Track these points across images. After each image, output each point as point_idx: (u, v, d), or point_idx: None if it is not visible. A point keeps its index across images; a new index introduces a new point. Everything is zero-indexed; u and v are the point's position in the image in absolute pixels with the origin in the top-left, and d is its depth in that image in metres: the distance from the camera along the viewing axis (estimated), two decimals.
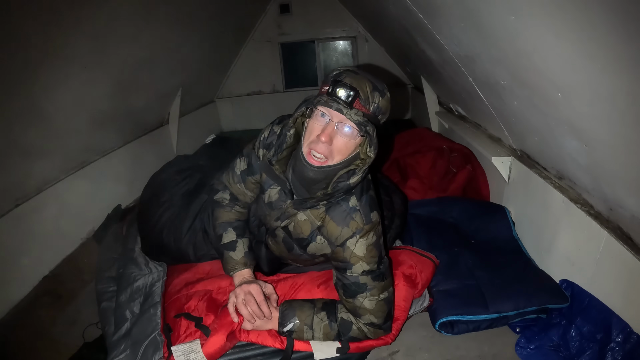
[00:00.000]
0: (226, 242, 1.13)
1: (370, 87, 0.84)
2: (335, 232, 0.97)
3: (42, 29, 1.34)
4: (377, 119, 0.87)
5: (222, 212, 1.17)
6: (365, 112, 0.84)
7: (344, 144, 0.87)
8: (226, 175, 1.18)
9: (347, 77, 0.84)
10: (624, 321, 1.03)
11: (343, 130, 0.86)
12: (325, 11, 4.16)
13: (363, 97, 0.83)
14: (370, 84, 0.84)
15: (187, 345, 1.02)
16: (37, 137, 1.63)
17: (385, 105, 0.87)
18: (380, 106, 0.86)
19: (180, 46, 2.59)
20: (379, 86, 0.86)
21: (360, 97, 0.83)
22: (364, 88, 0.83)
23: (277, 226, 1.05)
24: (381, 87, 0.87)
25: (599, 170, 1.06)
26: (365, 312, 0.99)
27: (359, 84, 0.83)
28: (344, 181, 0.91)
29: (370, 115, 0.85)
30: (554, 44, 0.87)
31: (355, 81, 0.83)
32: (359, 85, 0.83)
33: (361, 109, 0.83)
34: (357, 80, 0.84)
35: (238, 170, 1.13)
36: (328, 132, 0.85)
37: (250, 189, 1.13)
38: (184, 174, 1.53)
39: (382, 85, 0.87)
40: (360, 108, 0.83)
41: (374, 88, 0.84)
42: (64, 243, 1.89)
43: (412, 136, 2.43)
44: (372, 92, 0.84)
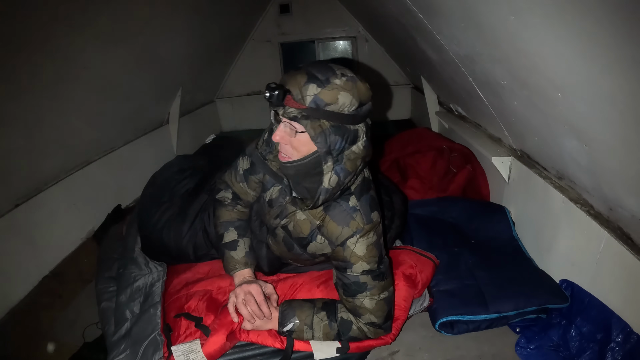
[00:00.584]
0: (227, 242, 1.13)
1: (303, 80, 0.80)
2: (335, 231, 0.97)
3: (42, 29, 1.34)
4: (323, 111, 0.81)
5: (223, 211, 1.16)
6: (298, 107, 0.81)
7: (294, 141, 0.86)
8: (229, 174, 1.18)
9: (285, 76, 0.84)
10: (624, 321, 1.03)
11: (285, 128, 0.85)
12: (325, 11, 4.15)
13: (294, 93, 0.81)
14: (305, 77, 0.80)
15: (187, 345, 1.02)
16: (37, 137, 1.63)
17: (329, 94, 0.80)
18: (321, 97, 0.80)
19: (180, 46, 2.59)
20: (319, 76, 0.80)
21: (291, 94, 0.81)
22: (295, 83, 0.81)
23: (277, 225, 1.05)
24: (324, 76, 0.80)
25: (599, 170, 1.06)
26: (365, 311, 0.99)
27: (290, 80, 0.82)
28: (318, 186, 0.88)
29: (307, 109, 0.81)
30: (554, 44, 0.87)
31: (289, 78, 0.82)
32: (290, 82, 0.81)
33: (293, 105, 0.81)
34: (292, 76, 0.82)
35: (241, 169, 1.13)
36: (278, 132, 0.86)
37: (252, 188, 1.13)
38: (184, 174, 1.53)
39: (326, 74, 0.81)
40: (291, 104, 0.81)
41: (308, 80, 0.80)
42: (64, 243, 1.89)
43: (412, 136, 2.43)
44: (306, 84, 0.80)
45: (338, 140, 0.84)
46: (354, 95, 0.82)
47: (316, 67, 0.83)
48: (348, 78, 0.82)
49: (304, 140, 0.85)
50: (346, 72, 0.83)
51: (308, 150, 0.86)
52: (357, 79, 0.84)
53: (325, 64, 0.84)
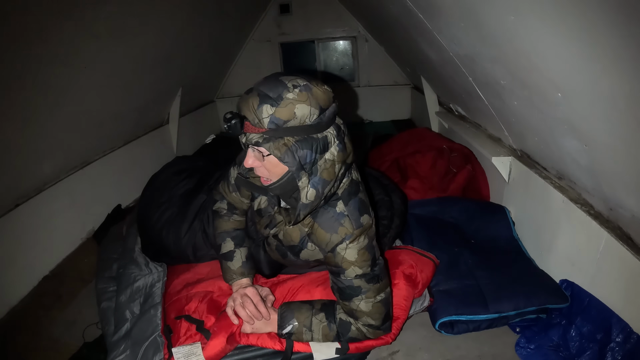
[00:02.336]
0: (224, 252, 1.15)
1: (256, 103, 0.77)
2: (324, 238, 0.96)
3: (42, 29, 1.34)
4: (284, 129, 0.78)
5: (220, 221, 1.18)
6: (258, 131, 0.78)
7: (267, 165, 0.84)
8: (222, 184, 1.19)
9: (239, 102, 0.81)
10: (624, 321, 1.03)
11: (254, 153, 0.83)
12: (325, 11, 4.15)
13: (250, 118, 0.77)
14: (258, 99, 0.77)
15: (188, 348, 1.02)
16: (37, 137, 1.63)
17: (284, 111, 0.76)
18: (277, 116, 0.76)
19: (180, 46, 2.59)
20: (271, 94, 0.77)
21: (247, 119, 0.78)
22: (249, 108, 0.77)
23: (268, 234, 1.05)
24: (275, 94, 0.77)
25: (599, 170, 1.06)
26: (362, 314, 0.98)
27: (244, 105, 0.78)
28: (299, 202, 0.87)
29: (268, 132, 0.78)
30: (554, 44, 0.87)
31: (243, 103, 0.79)
32: (244, 108, 0.78)
33: (252, 131, 0.79)
34: (245, 101, 0.79)
35: (232, 179, 1.14)
36: (248, 158, 0.84)
37: (245, 196, 1.14)
38: (183, 174, 1.53)
39: (278, 91, 0.77)
40: (251, 130, 0.79)
41: (261, 101, 0.76)
42: (64, 243, 1.90)
43: (412, 136, 2.43)
44: (259, 107, 0.76)
45: (307, 154, 0.81)
46: (312, 104, 0.78)
47: (267, 84, 0.79)
48: (301, 88, 0.78)
49: (275, 162, 0.83)
50: (298, 82, 0.79)
51: (282, 170, 0.84)
52: (311, 86, 0.80)
53: (275, 78, 0.80)
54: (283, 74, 0.82)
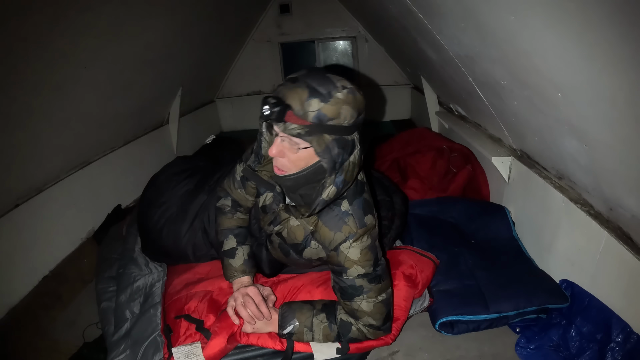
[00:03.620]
0: (226, 249, 1.14)
1: (305, 95, 0.77)
2: (328, 236, 0.96)
3: (42, 29, 1.34)
4: (325, 126, 0.79)
5: (224, 218, 1.17)
6: (301, 124, 0.78)
7: (293, 156, 0.84)
8: (227, 181, 1.18)
9: (282, 89, 0.80)
10: (624, 321, 1.03)
11: (284, 143, 0.83)
12: (325, 11, 4.15)
13: (296, 109, 0.77)
14: (307, 91, 0.77)
15: (188, 348, 1.02)
16: (37, 137, 1.63)
17: (332, 109, 0.78)
18: (325, 112, 0.78)
19: (180, 46, 2.59)
20: (321, 90, 0.78)
21: (292, 109, 0.77)
22: (297, 98, 0.77)
23: (271, 231, 1.05)
24: (326, 90, 0.78)
25: (599, 170, 1.06)
26: (363, 314, 0.99)
27: (291, 94, 0.78)
28: (318, 197, 0.88)
29: (311, 125, 0.78)
30: (554, 44, 0.87)
31: (289, 92, 0.78)
32: (291, 96, 0.78)
33: (295, 122, 0.78)
34: (291, 90, 0.78)
35: (238, 176, 1.14)
36: (275, 147, 0.84)
37: (250, 193, 1.14)
38: (183, 174, 1.53)
39: (328, 88, 0.78)
40: (293, 121, 0.78)
41: (310, 95, 0.77)
42: (64, 243, 1.89)
43: (412, 136, 2.43)
44: (308, 100, 0.77)
45: (340, 153, 0.83)
46: (354, 108, 0.81)
47: (315, 79, 0.80)
48: (349, 90, 0.80)
49: (304, 155, 0.84)
50: (346, 84, 0.81)
51: (306, 164, 0.85)
52: (355, 90, 0.82)
53: (323, 74, 0.81)
54: (327, 71, 0.83)
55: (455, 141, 2.24)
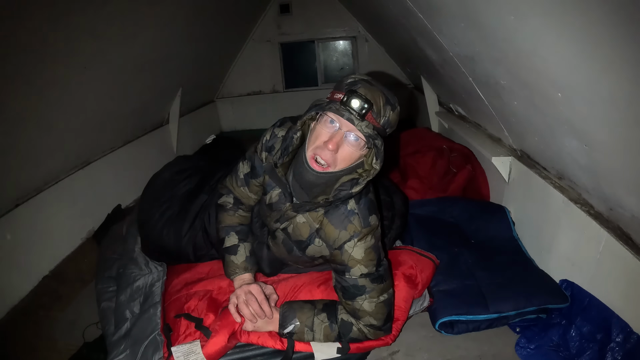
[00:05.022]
0: (228, 246, 1.13)
1: (383, 100, 0.84)
2: (333, 235, 0.97)
3: (42, 29, 1.34)
4: (385, 131, 0.87)
5: (225, 216, 1.17)
6: (375, 125, 0.84)
7: (350, 153, 0.87)
8: (230, 179, 1.18)
9: (362, 88, 0.83)
10: (624, 321, 1.03)
11: (351, 139, 0.86)
12: (325, 11, 4.16)
13: (376, 110, 0.83)
14: (384, 97, 0.84)
15: (187, 346, 1.02)
16: (37, 137, 1.63)
17: (394, 119, 0.87)
18: (390, 120, 0.86)
19: (180, 46, 2.59)
20: (391, 100, 0.86)
21: (373, 110, 0.83)
22: (377, 100, 0.83)
23: (277, 228, 1.05)
24: (393, 100, 0.86)
25: (599, 170, 1.06)
26: (365, 314, 0.99)
27: (373, 96, 0.83)
28: (346, 190, 0.91)
29: (379, 129, 0.85)
30: (554, 44, 0.87)
31: (370, 93, 0.83)
32: (373, 98, 0.83)
33: (372, 122, 0.83)
34: (372, 92, 0.83)
35: (241, 174, 1.14)
36: (336, 141, 0.85)
37: (254, 191, 1.14)
38: (184, 174, 1.53)
39: (394, 99, 0.87)
40: (371, 120, 0.83)
41: (386, 101, 0.84)
42: (64, 243, 1.90)
43: (412, 136, 2.43)
44: (385, 105, 0.84)
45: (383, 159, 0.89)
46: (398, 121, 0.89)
47: (384, 87, 0.87)
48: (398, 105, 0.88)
49: (358, 155, 0.88)
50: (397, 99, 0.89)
51: (352, 163, 0.90)
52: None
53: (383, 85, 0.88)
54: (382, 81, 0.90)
55: (455, 141, 2.24)
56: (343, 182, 0.92)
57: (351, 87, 0.83)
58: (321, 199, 0.94)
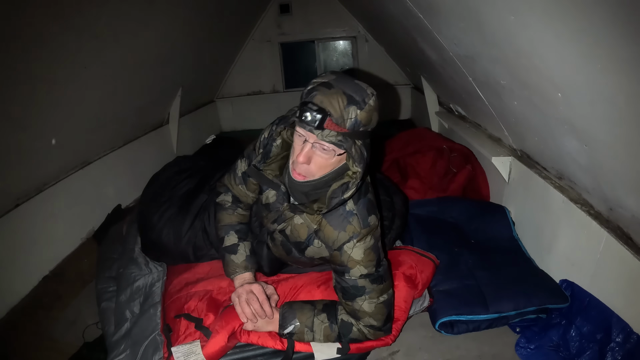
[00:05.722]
0: (228, 245, 1.13)
1: (343, 103, 0.78)
2: (332, 236, 0.96)
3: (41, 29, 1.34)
4: (357, 132, 0.81)
5: (224, 214, 1.17)
6: (339, 131, 0.79)
7: (324, 161, 0.85)
8: (228, 177, 1.18)
9: (318, 95, 0.78)
10: (624, 321, 1.03)
11: (320, 149, 0.83)
12: (325, 11, 4.15)
13: (335, 116, 0.78)
14: (345, 99, 0.78)
15: (187, 347, 1.02)
16: (37, 137, 1.63)
17: (366, 116, 0.80)
18: (360, 119, 0.79)
19: (180, 46, 2.59)
20: (356, 97, 0.79)
21: (332, 116, 0.77)
22: (335, 105, 0.77)
23: (274, 229, 1.05)
24: (360, 97, 0.79)
25: (599, 170, 1.06)
26: (365, 314, 0.99)
27: (330, 101, 0.77)
28: (338, 197, 0.89)
29: (347, 132, 0.80)
30: (554, 44, 0.87)
31: (326, 99, 0.78)
32: (330, 103, 0.77)
33: (334, 129, 0.78)
34: (329, 97, 0.78)
35: (239, 172, 1.13)
36: (305, 153, 0.84)
37: (252, 190, 1.14)
38: (184, 174, 1.53)
39: (361, 95, 0.79)
40: (333, 128, 0.78)
41: (349, 102, 0.78)
42: (64, 243, 1.90)
43: (412, 136, 2.43)
44: (347, 107, 0.78)
45: (367, 157, 0.86)
46: (379, 114, 0.84)
47: (348, 85, 0.80)
48: (375, 97, 0.83)
49: (334, 161, 0.86)
50: (373, 91, 0.83)
51: (332, 169, 0.88)
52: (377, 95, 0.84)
53: (352, 80, 0.82)
54: (352, 77, 0.85)
55: (455, 141, 2.24)
56: (334, 190, 0.91)
57: (307, 97, 0.80)
58: (317, 207, 0.93)
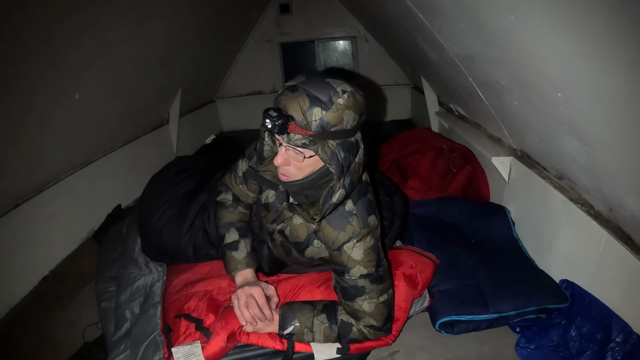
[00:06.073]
0: (229, 242, 1.12)
1: (306, 105, 0.76)
2: (331, 236, 0.96)
3: (41, 28, 1.34)
4: (328, 132, 0.79)
5: (225, 212, 1.17)
6: (305, 134, 0.78)
7: (298, 163, 0.85)
8: (228, 176, 1.18)
9: (282, 100, 0.79)
10: (624, 321, 1.03)
11: (292, 152, 0.83)
12: (325, 11, 4.15)
13: (298, 119, 0.77)
14: (307, 100, 0.76)
15: (188, 347, 1.02)
16: (37, 137, 1.63)
17: (334, 115, 0.77)
18: (327, 120, 0.77)
19: (180, 46, 2.59)
20: (321, 97, 0.77)
21: (295, 120, 0.77)
22: (297, 109, 0.77)
23: (274, 229, 1.05)
24: (325, 97, 0.77)
25: (599, 170, 1.06)
26: (365, 315, 0.99)
27: (291, 105, 0.77)
28: (328, 201, 0.88)
29: (314, 134, 0.78)
30: (554, 44, 0.87)
31: (289, 103, 0.77)
32: (292, 107, 0.77)
33: (299, 132, 0.78)
34: (291, 100, 0.77)
35: (240, 172, 1.14)
36: (280, 156, 0.84)
37: (252, 190, 1.14)
38: (184, 174, 1.53)
39: (327, 95, 0.77)
40: (297, 132, 0.78)
41: (311, 104, 0.76)
42: (64, 243, 1.90)
43: (412, 136, 2.43)
44: (309, 109, 0.76)
45: (347, 157, 0.83)
46: (356, 111, 0.81)
47: (315, 86, 0.78)
48: (349, 94, 0.79)
49: (310, 162, 0.85)
50: (346, 88, 0.80)
51: (313, 169, 0.87)
52: (355, 92, 0.81)
53: (322, 80, 0.80)
54: (326, 75, 0.82)
55: (455, 141, 2.24)
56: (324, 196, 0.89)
57: (274, 102, 0.81)
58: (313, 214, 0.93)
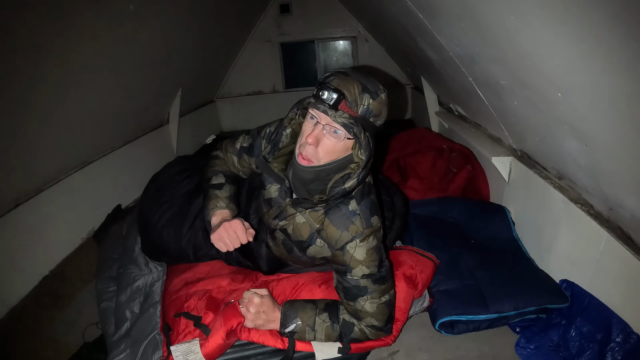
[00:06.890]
0: (214, 183, 1.12)
1: (359, 89, 0.82)
2: (334, 235, 0.97)
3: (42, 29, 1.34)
4: (367, 121, 0.85)
5: (217, 162, 1.18)
6: (352, 114, 0.82)
7: (332, 145, 0.87)
8: (228, 142, 1.19)
9: (335, 79, 0.83)
10: (624, 321, 1.03)
11: (330, 132, 0.85)
12: (325, 11, 4.16)
13: (350, 99, 0.82)
14: (360, 86, 0.82)
15: (186, 345, 1.02)
16: (37, 137, 1.63)
17: (377, 107, 0.84)
18: (372, 108, 0.83)
19: (180, 46, 2.59)
20: (370, 87, 0.84)
21: (346, 99, 0.81)
22: (351, 90, 0.82)
23: (276, 226, 1.05)
24: (373, 88, 0.84)
25: (599, 170, 1.06)
26: (366, 315, 0.99)
27: (346, 85, 0.82)
28: (339, 186, 0.91)
29: (358, 117, 0.83)
30: (554, 44, 0.87)
31: (343, 83, 0.82)
32: (346, 87, 0.82)
33: (347, 111, 0.82)
34: (345, 82, 0.82)
35: (239, 145, 1.15)
36: (314, 134, 0.86)
37: (241, 164, 1.15)
38: (184, 174, 1.52)
39: (374, 87, 0.84)
40: (346, 110, 0.82)
41: (363, 90, 0.82)
42: (63, 243, 1.89)
43: (412, 136, 2.43)
44: (361, 94, 0.82)
45: (372, 150, 0.88)
46: (387, 112, 0.88)
47: (363, 77, 0.85)
48: (386, 94, 0.86)
49: (341, 147, 0.87)
50: (383, 88, 0.87)
51: (338, 156, 0.89)
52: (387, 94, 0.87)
53: (366, 75, 0.86)
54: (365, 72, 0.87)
55: (455, 141, 2.24)
56: (336, 180, 0.92)
57: (324, 80, 0.84)
58: (317, 198, 0.94)
